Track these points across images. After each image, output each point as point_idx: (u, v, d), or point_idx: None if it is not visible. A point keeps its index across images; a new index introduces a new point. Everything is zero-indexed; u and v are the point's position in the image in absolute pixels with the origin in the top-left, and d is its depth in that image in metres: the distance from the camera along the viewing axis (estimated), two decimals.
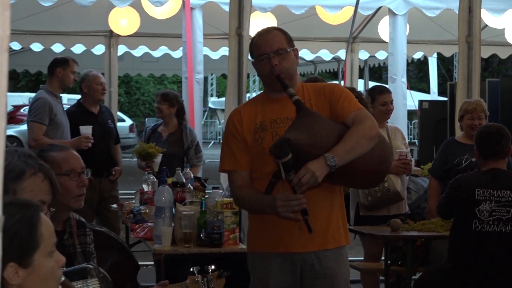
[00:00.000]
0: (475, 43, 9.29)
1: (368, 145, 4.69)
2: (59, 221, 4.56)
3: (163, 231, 6.44)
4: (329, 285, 4.92)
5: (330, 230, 4.91)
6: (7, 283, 2.59)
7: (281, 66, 4.77)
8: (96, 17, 12.41)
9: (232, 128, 4.99)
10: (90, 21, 13.06)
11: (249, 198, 4.95)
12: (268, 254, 4.93)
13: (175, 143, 9.18)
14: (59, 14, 12.44)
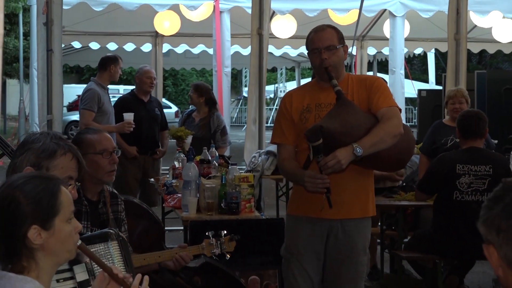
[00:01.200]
0: (462, 40, 9.25)
1: (392, 142, 4.70)
2: (94, 192, 4.61)
3: (190, 201, 6.47)
4: (349, 251, 4.94)
5: (358, 202, 4.94)
6: (31, 243, 2.63)
7: (329, 60, 4.80)
8: (143, 20, 12.41)
9: (283, 108, 5.08)
10: (138, 23, 13.08)
11: (290, 169, 5.02)
12: (301, 217, 4.98)
13: (203, 127, 9.20)
14: (112, 18, 12.48)
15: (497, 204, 2.17)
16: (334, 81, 4.77)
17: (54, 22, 8.02)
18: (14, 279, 2.59)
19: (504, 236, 2.14)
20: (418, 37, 13.99)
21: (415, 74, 26.68)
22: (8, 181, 2.73)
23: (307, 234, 4.95)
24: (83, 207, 4.48)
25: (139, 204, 5.77)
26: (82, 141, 4.58)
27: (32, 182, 2.71)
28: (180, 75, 36.00)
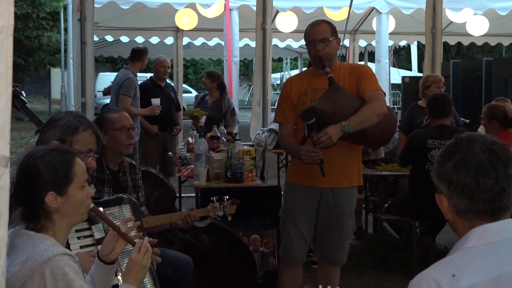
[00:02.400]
0: (437, 33, 9.24)
1: (376, 120, 4.71)
2: (115, 163, 4.64)
3: (200, 171, 6.49)
4: (337, 214, 4.96)
5: (346, 174, 4.95)
6: (48, 206, 2.66)
7: (323, 51, 4.80)
8: (165, 17, 12.38)
9: (284, 92, 5.08)
10: (161, 20, 13.02)
11: (289, 145, 5.03)
12: (297, 185, 4.99)
13: (216, 109, 9.22)
14: (138, 15, 12.44)
15: (449, 160, 2.20)
16: (327, 69, 4.78)
17: (87, 18, 8.07)
18: (34, 236, 2.63)
19: (454, 189, 2.18)
20: (403, 31, 13.91)
21: (401, 63, 26.58)
22: (31, 152, 2.76)
23: (302, 199, 4.98)
24: (105, 175, 4.53)
25: (156, 174, 5.81)
26: (104, 119, 4.62)
27: (50, 154, 2.74)
28: (199, 64, 36.03)
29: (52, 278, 2.51)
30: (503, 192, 2.16)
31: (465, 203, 2.17)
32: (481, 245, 2.14)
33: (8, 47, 1.68)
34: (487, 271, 2.07)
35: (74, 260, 2.62)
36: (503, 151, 2.19)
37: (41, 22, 25.77)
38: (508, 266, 2.08)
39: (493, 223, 2.16)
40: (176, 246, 4.99)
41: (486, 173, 2.15)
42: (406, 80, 15.17)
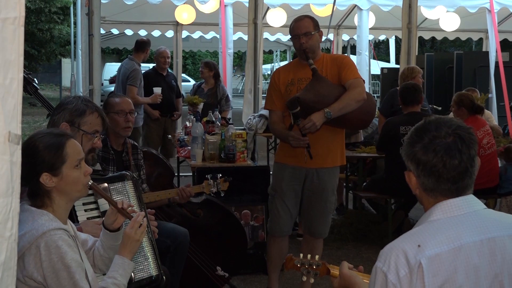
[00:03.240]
0: (413, 28, 9.20)
1: (356, 105, 4.73)
2: (118, 144, 4.65)
3: (197, 152, 6.49)
4: (320, 192, 5.01)
5: (330, 155, 4.98)
6: (45, 186, 2.65)
7: (307, 44, 4.82)
8: (166, 12, 12.30)
9: (273, 82, 5.09)
10: (162, 15, 12.94)
11: (278, 130, 5.05)
12: (285, 165, 5.02)
13: (212, 96, 9.21)
14: (142, 10, 12.38)
15: (418, 142, 2.21)
16: (311, 61, 4.80)
17: (94, 12, 8.03)
18: (34, 212, 2.64)
19: (422, 169, 2.19)
20: (382, 26, 13.86)
21: (380, 56, 26.55)
22: (31, 135, 2.76)
23: (289, 178, 5.00)
24: (110, 155, 4.54)
25: (156, 154, 5.81)
26: (108, 103, 4.65)
27: (45, 137, 2.72)
28: (197, 55, 35.87)
29: (46, 250, 2.51)
30: (466, 172, 2.17)
31: (432, 182, 2.18)
32: (445, 218, 2.16)
33: (20, 36, 1.69)
34: (450, 242, 2.08)
35: (68, 235, 2.62)
36: (468, 135, 2.20)
37: (53, 16, 25.70)
38: (468, 237, 2.09)
39: (456, 199, 2.18)
40: (174, 220, 5.02)
41: (451, 155, 2.16)
42: (385, 71, 15.28)
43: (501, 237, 2.12)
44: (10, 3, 1.68)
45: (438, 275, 2.03)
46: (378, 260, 2.14)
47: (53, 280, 2.51)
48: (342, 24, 14.39)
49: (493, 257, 2.08)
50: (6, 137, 1.71)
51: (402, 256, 2.08)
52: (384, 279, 2.08)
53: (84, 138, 3.46)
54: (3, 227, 1.74)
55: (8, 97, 1.71)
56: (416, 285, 2.04)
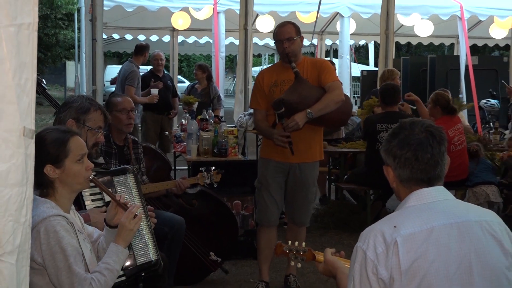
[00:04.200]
0: (390, 34, 9.22)
1: (335, 106, 4.75)
2: (120, 139, 4.65)
3: (192, 147, 6.50)
4: (302, 184, 5.02)
5: (310, 151, 5.00)
6: (48, 177, 2.69)
7: (289, 48, 4.82)
8: (163, 18, 12.24)
9: (258, 83, 5.06)
10: (160, 21, 12.88)
11: (262, 128, 5.05)
12: (270, 160, 5.02)
13: (205, 95, 9.24)
14: (141, 16, 12.30)
15: (394, 139, 2.27)
16: (293, 64, 4.81)
17: (97, 19, 8.04)
18: (38, 200, 2.65)
19: (398, 162, 2.24)
20: (362, 32, 13.85)
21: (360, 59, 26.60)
22: (43, 129, 2.79)
23: (273, 171, 5.01)
24: (112, 150, 4.56)
25: (155, 149, 5.81)
26: (110, 102, 4.66)
27: (52, 132, 2.77)
28: (192, 59, 35.68)
29: (45, 234, 2.54)
30: (437, 165, 2.23)
31: (407, 173, 2.24)
32: (418, 205, 2.21)
33: (34, 40, 1.72)
34: (422, 224, 2.13)
35: (67, 221, 2.63)
36: (438, 132, 2.26)
37: (58, 22, 25.61)
38: (439, 221, 2.15)
39: (429, 188, 2.23)
40: (171, 209, 5.02)
41: (423, 149, 2.22)
42: (364, 74, 15.33)
43: (468, 221, 2.17)
44: (25, 10, 1.71)
45: (411, 252, 2.09)
46: (358, 240, 2.20)
47: (50, 262, 2.54)
48: (325, 30, 14.41)
49: (461, 238, 2.12)
50: (21, 132, 1.74)
51: (380, 236, 2.14)
52: (364, 256, 2.14)
53: (88, 134, 3.49)
54: (19, 213, 1.77)
55: (23, 96, 1.74)
56: (392, 260, 2.09)
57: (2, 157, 1.72)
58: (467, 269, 2.10)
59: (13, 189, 1.75)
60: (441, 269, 2.07)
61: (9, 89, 1.70)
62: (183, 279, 5.17)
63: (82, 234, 2.80)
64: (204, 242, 5.32)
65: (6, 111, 1.71)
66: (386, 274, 2.09)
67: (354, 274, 2.15)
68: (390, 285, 2.08)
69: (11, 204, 1.75)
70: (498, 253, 2.14)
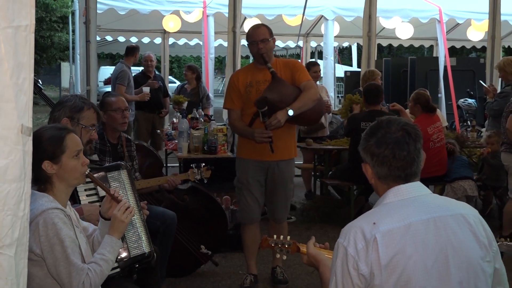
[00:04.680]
0: (372, 37, 9.27)
1: (312, 104, 4.77)
2: (114, 138, 4.63)
3: (183, 145, 6.51)
4: (281, 181, 5.01)
5: (287, 149, 4.99)
6: (46, 172, 2.69)
7: (263, 49, 4.78)
8: (155, 21, 12.25)
9: (232, 83, 5.02)
10: (152, 24, 12.89)
11: (239, 127, 4.99)
12: (249, 159, 4.98)
13: (194, 95, 9.24)
14: (133, 19, 12.28)
15: (372, 137, 2.26)
16: (269, 65, 4.78)
17: (90, 21, 8.00)
18: (36, 194, 2.65)
19: (376, 160, 2.24)
20: (345, 34, 13.93)
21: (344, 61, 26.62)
22: (39, 128, 2.80)
23: (253, 170, 4.98)
24: (107, 147, 4.55)
25: (147, 146, 5.80)
26: (105, 102, 4.64)
27: (49, 130, 2.78)
28: (182, 60, 35.55)
29: (44, 227, 2.54)
30: (413, 162, 2.23)
31: (385, 170, 2.23)
32: (396, 201, 2.21)
33: (31, 41, 1.72)
34: (400, 220, 2.13)
35: (65, 214, 2.63)
36: (414, 130, 2.26)
37: (53, 25, 25.54)
38: (416, 216, 2.14)
39: (406, 184, 2.23)
40: (163, 204, 5.01)
41: (400, 147, 2.21)
42: (348, 74, 15.34)
43: (444, 216, 2.17)
44: (22, 13, 1.71)
45: (390, 247, 2.08)
46: (339, 237, 2.19)
47: (48, 253, 2.54)
48: (310, 32, 14.43)
49: (438, 233, 2.13)
50: (19, 129, 1.74)
51: (360, 232, 2.13)
52: (345, 252, 2.13)
53: (83, 131, 3.49)
54: (17, 207, 1.77)
55: (20, 95, 1.74)
56: (372, 256, 2.08)
57: (1, 153, 1.71)
58: (444, 262, 2.10)
59: (12, 184, 1.75)
60: (419, 263, 2.08)
61: (7, 88, 1.69)
62: (175, 271, 5.18)
63: (78, 228, 2.80)
64: (195, 235, 5.32)
65: (4, 109, 1.70)
66: (367, 270, 2.08)
67: (336, 269, 2.15)
68: (370, 280, 2.08)
69: (10, 198, 1.75)
70: (473, 245, 2.15)
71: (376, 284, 2.08)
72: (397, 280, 2.07)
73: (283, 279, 5.22)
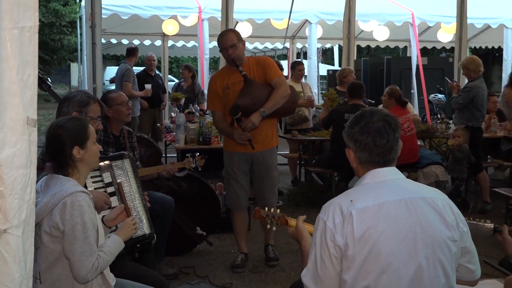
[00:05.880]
0: (351, 39, 9.27)
1: (283, 101, 4.74)
2: (117, 130, 4.61)
3: (180, 137, 6.50)
4: (266, 168, 4.98)
5: (267, 140, 4.96)
6: (75, 157, 2.70)
7: (234, 54, 4.72)
8: (155, 25, 12.15)
9: (211, 87, 4.97)
10: (152, 27, 12.79)
11: (222, 127, 4.97)
12: (234, 152, 4.96)
13: (190, 92, 9.23)
14: (135, 23, 12.18)
15: (356, 125, 2.28)
16: (240, 68, 4.72)
17: (96, 25, 7.96)
18: (62, 179, 2.66)
19: (359, 146, 2.26)
20: (327, 36, 13.87)
21: (326, 60, 26.57)
22: (55, 122, 2.80)
23: (238, 161, 4.96)
24: (110, 139, 4.52)
25: (148, 138, 5.79)
26: (108, 98, 4.58)
27: (71, 121, 2.78)
28: (181, 61, 35.49)
29: (71, 207, 2.53)
30: (391, 149, 2.25)
31: (366, 156, 2.25)
32: (373, 183, 2.23)
33: (34, 41, 1.71)
34: (375, 199, 2.15)
35: (89, 198, 2.64)
36: (393, 121, 2.28)
37: (63, 29, 25.49)
38: (389, 197, 2.16)
39: (383, 168, 2.25)
40: (162, 190, 5.00)
41: (381, 136, 2.23)
42: (330, 73, 15.35)
43: (415, 198, 2.18)
44: (26, 15, 1.70)
45: (364, 223, 2.10)
46: (320, 212, 2.22)
47: (69, 230, 2.53)
48: (296, 35, 14.38)
49: (408, 212, 2.14)
50: (25, 121, 1.73)
51: (338, 208, 2.15)
52: (324, 225, 2.16)
53: (91, 122, 3.46)
54: (24, 192, 1.77)
55: (26, 89, 1.73)
56: (347, 229, 2.11)
57: (8, 143, 1.71)
58: (412, 239, 2.11)
59: (18, 171, 1.75)
60: (389, 238, 2.09)
61: (13, 84, 1.69)
62: (173, 251, 5.19)
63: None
64: (190, 218, 5.32)
65: (11, 103, 1.70)
66: (342, 241, 2.10)
67: (316, 240, 2.18)
68: (345, 250, 2.10)
69: (17, 184, 1.74)
70: (440, 225, 2.16)
71: (350, 255, 2.10)
72: (369, 252, 2.08)
73: (274, 256, 5.22)
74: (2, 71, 1.66)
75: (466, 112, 6.95)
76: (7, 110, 1.68)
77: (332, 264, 2.12)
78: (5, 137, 1.69)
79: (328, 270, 2.13)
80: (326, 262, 2.13)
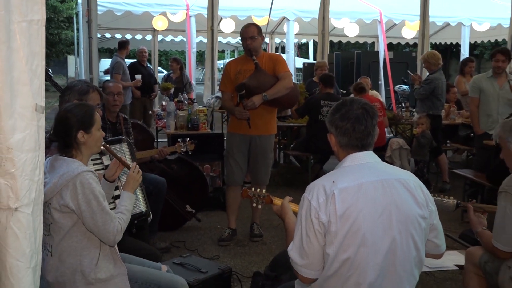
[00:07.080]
0: (325, 34, 9.23)
1: (286, 91, 4.79)
2: (113, 117, 4.56)
3: (170, 123, 6.45)
4: (263, 152, 5.02)
5: (266, 126, 4.99)
6: (79, 140, 2.66)
7: (251, 45, 4.81)
8: (146, 21, 12.01)
9: (226, 71, 5.03)
10: (143, 23, 12.63)
11: (228, 106, 5.01)
12: (235, 133, 5.01)
13: (179, 82, 9.17)
14: (128, 19, 12.04)
15: (337, 112, 2.27)
16: (254, 57, 4.80)
17: (92, 21, 7.85)
18: (67, 160, 2.62)
19: (339, 131, 2.25)
20: (303, 32, 13.80)
21: (302, 54, 26.56)
22: (65, 107, 2.76)
23: (238, 142, 5.00)
24: (107, 125, 4.46)
25: (141, 124, 5.75)
26: (104, 86, 4.57)
27: (79, 107, 2.74)
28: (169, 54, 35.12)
29: (81, 186, 2.51)
30: (369, 134, 2.25)
31: (345, 140, 2.25)
32: (352, 165, 2.23)
33: (42, 33, 1.67)
34: (355, 180, 2.15)
35: (95, 175, 2.62)
36: (371, 109, 2.28)
37: (61, 24, 25.12)
38: (368, 178, 2.17)
39: (361, 152, 2.25)
40: (155, 172, 4.99)
41: (359, 122, 2.23)
42: (306, 65, 15.37)
43: (390, 179, 2.19)
44: (34, 8, 1.66)
45: (345, 201, 2.10)
46: (305, 192, 2.21)
47: (86, 208, 2.51)
48: (275, 30, 14.32)
49: (384, 192, 2.15)
50: (34, 108, 1.70)
51: (322, 189, 2.15)
52: (309, 204, 2.15)
53: None
54: (33, 173, 1.74)
55: (34, 79, 1.70)
56: (330, 207, 2.11)
57: (18, 128, 1.68)
58: (388, 216, 2.13)
59: (28, 154, 1.71)
60: (367, 215, 2.10)
61: (23, 73, 1.65)
62: (165, 226, 5.18)
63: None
64: (181, 197, 5.31)
65: (21, 91, 1.66)
66: (325, 218, 2.11)
67: (301, 218, 2.17)
68: (328, 226, 2.11)
69: (27, 166, 1.71)
70: (412, 204, 2.18)
71: (332, 231, 2.10)
72: (349, 228, 2.09)
73: (258, 233, 5.25)
74: (13, 62, 1.62)
75: (428, 102, 6.99)
76: (17, 98, 1.65)
77: (317, 239, 2.12)
78: (15, 122, 1.66)
79: (313, 244, 2.13)
80: (311, 238, 2.13)
